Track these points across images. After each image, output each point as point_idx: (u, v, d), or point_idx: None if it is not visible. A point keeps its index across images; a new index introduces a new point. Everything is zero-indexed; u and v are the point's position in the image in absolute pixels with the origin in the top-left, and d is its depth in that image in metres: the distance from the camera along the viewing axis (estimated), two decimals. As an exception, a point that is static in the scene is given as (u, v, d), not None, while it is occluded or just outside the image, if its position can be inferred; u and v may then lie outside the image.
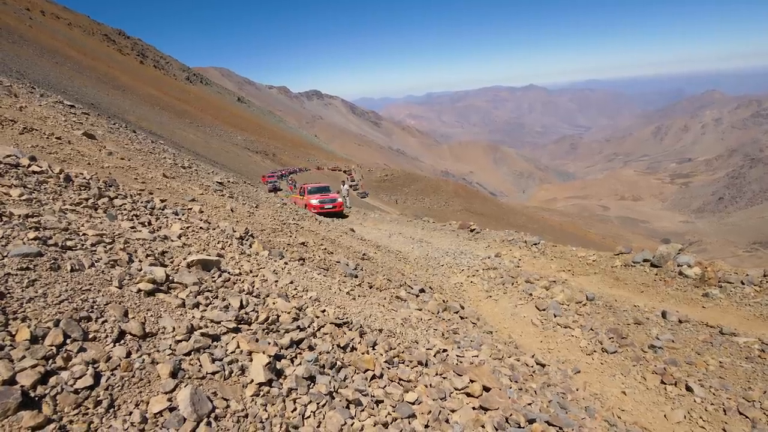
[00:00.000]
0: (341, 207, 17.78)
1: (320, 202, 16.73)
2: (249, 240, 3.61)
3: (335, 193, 19.07)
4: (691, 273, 6.31)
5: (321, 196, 17.54)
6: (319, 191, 18.73)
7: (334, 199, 17.51)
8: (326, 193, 18.69)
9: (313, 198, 16.99)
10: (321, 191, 18.76)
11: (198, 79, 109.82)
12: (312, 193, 18.36)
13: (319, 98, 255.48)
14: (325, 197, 17.34)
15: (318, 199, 16.86)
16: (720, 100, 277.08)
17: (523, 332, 5.14)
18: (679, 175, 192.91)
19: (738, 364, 3.90)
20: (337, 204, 17.39)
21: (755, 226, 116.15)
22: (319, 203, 16.60)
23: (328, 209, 16.82)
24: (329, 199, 17.34)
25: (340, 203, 17.64)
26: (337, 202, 17.46)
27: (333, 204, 17.21)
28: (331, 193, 18.65)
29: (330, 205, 17.01)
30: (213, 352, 1.76)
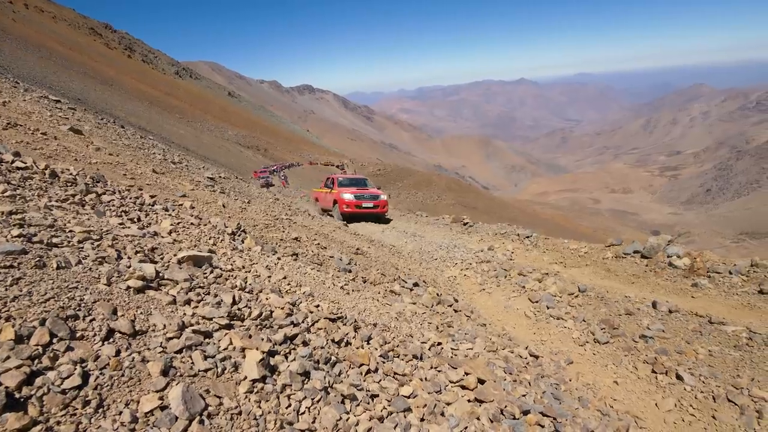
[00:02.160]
0: (385, 207, 13.20)
1: (356, 198, 12.62)
2: (241, 235, 3.57)
3: (375, 188, 14.35)
4: (681, 264, 6.38)
5: (357, 190, 13.27)
6: (353, 184, 14.28)
7: (376, 195, 13.08)
8: (364, 186, 14.06)
9: (345, 192, 12.86)
10: (356, 184, 14.29)
11: (187, 73, 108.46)
12: (344, 186, 13.85)
13: (311, 93, 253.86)
14: (363, 192, 13.10)
15: (353, 193, 12.77)
16: (707, 94, 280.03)
17: (516, 324, 5.16)
18: (668, 167, 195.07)
19: (726, 352, 3.96)
20: (380, 203, 12.92)
21: (742, 217, 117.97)
22: (354, 199, 12.55)
23: (368, 210, 12.66)
24: (369, 195, 12.98)
25: (384, 202, 13.13)
26: (381, 200, 12.98)
27: (374, 202, 12.83)
28: (370, 188, 14.03)
29: (370, 203, 12.72)
30: (205, 349, 1.73)
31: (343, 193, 12.99)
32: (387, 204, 13.65)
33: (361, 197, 12.94)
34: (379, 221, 13.33)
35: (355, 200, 12.75)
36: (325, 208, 14.40)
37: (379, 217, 13.68)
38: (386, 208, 13.62)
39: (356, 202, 12.73)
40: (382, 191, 14.18)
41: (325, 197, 14.70)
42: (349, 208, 12.66)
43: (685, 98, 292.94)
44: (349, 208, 12.65)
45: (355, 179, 15.33)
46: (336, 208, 13.04)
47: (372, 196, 13.22)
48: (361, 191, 13.35)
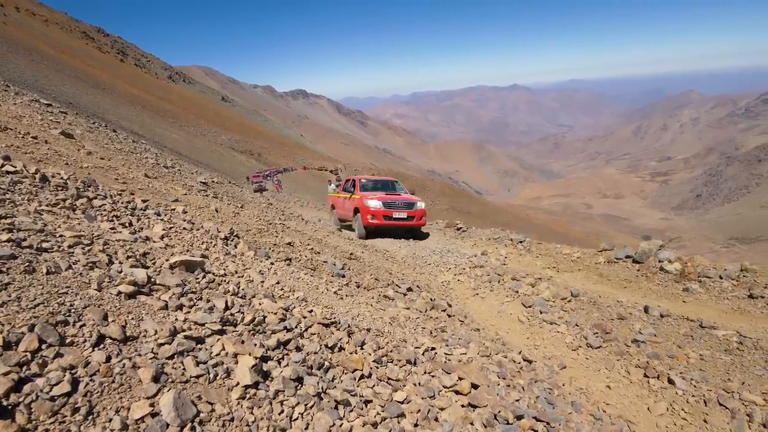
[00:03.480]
0: (423, 219, 10.50)
1: (385, 206, 9.95)
2: (234, 240, 3.55)
3: (408, 193, 11.63)
4: (672, 268, 6.44)
5: (385, 195, 10.53)
6: (381, 187, 11.58)
7: (410, 203, 10.32)
8: (393, 191, 11.46)
9: (370, 197, 10.21)
10: (384, 187, 11.58)
11: (181, 77, 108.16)
12: (368, 190, 11.08)
13: (305, 97, 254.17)
14: (394, 198, 10.41)
15: (380, 199, 10.10)
16: (697, 100, 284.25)
17: (510, 329, 5.17)
18: (658, 173, 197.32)
19: (717, 356, 3.99)
20: (416, 212, 10.24)
21: (732, 222, 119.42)
22: (382, 207, 9.91)
23: (400, 222, 10.02)
24: (402, 202, 10.28)
25: (422, 211, 10.43)
26: (417, 209, 10.31)
27: (409, 211, 10.14)
28: (402, 192, 11.43)
29: (403, 212, 10.03)
30: (197, 355, 1.71)
31: (367, 200, 10.22)
32: (425, 214, 10.60)
33: (392, 205, 10.16)
34: (413, 236, 10.54)
35: (383, 208, 10.01)
36: (344, 218, 12.03)
37: (414, 232, 10.79)
38: (424, 220, 10.57)
39: (385, 212, 10.00)
40: (418, 197, 11.01)
41: (343, 204, 11.90)
42: (376, 219, 9.97)
43: (676, 104, 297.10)
44: (376, 219, 9.98)
45: (383, 181, 12.41)
46: (357, 218, 10.47)
47: (405, 203, 10.33)
48: (391, 196, 10.57)
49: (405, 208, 10.36)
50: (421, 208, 10.63)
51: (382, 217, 10.08)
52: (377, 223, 10.14)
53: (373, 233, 10.52)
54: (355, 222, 10.79)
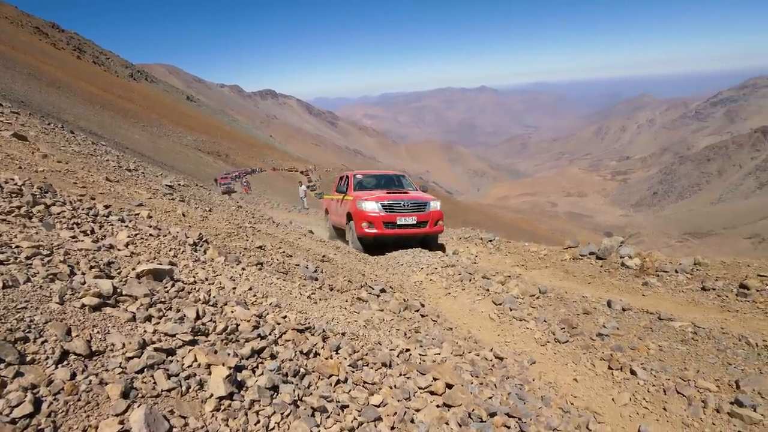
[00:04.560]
0: (440, 224, 8.45)
1: (387, 208, 7.99)
2: (203, 246, 3.46)
3: (418, 190, 9.44)
4: (632, 264, 6.75)
5: (387, 194, 8.45)
6: (381, 184, 9.64)
7: (421, 203, 8.29)
8: (398, 189, 9.36)
9: (366, 199, 8.17)
10: (386, 184, 9.66)
11: (143, 76, 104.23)
12: (364, 189, 9.21)
13: (274, 98, 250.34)
14: (398, 197, 8.33)
15: (379, 200, 8.11)
16: (652, 103, 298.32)
17: (481, 327, 5.26)
18: (618, 172, 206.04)
19: (675, 347, 4.19)
20: (429, 216, 8.21)
21: (685, 218, 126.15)
22: (382, 210, 7.97)
23: (408, 230, 8.04)
24: (409, 202, 8.20)
25: (438, 214, 8.33)
26: (431, 212, 8.25)
27: (420, 215, 8.13)
28: (411, 191, 9.22)
29: (412, 217, 8.03)
30: (168, 368, 1.66)
31: (361, 201, 8.06)
32: (442, 218, 8.40)
33: (395, 207, 8.04)
34: (425, 246, 8.42)
35: (382, 213, 7.93)
36: (338, 226, 9.93)
37: (428, 242, 8.62)
38: (441, 226, 8.41)
39: (385, 217, 7.90)
40: (431, 195, 8.83)
41: (336, 208, 9.88)
42: (374, 227, 7.85)
43: (632, 107, 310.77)
44: (374, 228, 7.86)
45: (385, 177, 10.07)
46: (351, 227, 8.41)
47: (414, 204, 8.14)
48: (395, 196, 8.37)
49: (413, 210, 8.04)
50: (437, 210, 8.26)
51: (382, 224, 7.83)
52: (376, 233, 7.90)
53: (372, 246, 8.24)
54: (349, 231, 8.63)
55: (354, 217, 8.34)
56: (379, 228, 8.02)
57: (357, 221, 8.21)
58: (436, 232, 8.65)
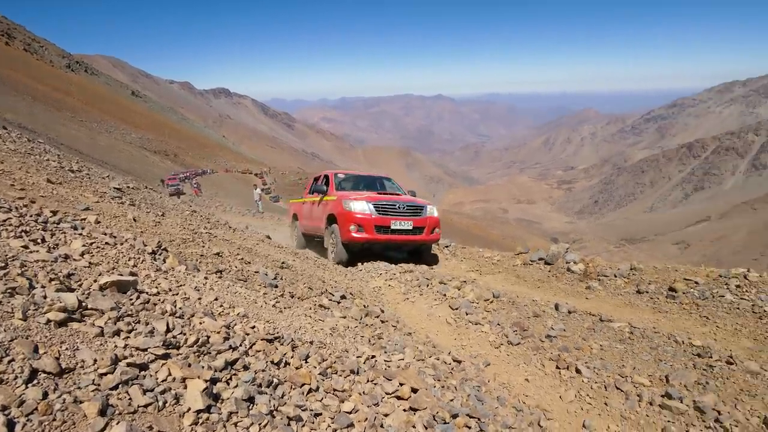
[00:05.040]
0: (436, 231, 7.66)
1: (379, 210, 7.21)
2: (162, 254, 3.36)
3: (409, 193, 8.85)
4: (577, 269, 7.21)
5: (377, 195, 7.72)
6: (366, 185, 8.87)
7: (416, 207, 7.58)
8: (388, 191, 8.57)
9: (354, 199, 7.35)
10: (371, 185, 8.87)
11: (82, 67, 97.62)
12: (349, 189, 8.44)
13: (228, 96, 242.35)
14: (390, 199, 7.60)
15: (369, 201, 7.28)
16: (594, 117, 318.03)
17: (438, 331, 5.39)
18: (564, 181, 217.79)
19: (614, 346, 4.51)
20: (425, 221, 7.49)
21: (622, 225, 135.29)
22: (375, 212, 7.17)
23: (402, 236, 7.32)
24: (403, 204, 7.48)
25: (435, 220, 7.62)
26: (427, 217, 7.56)
27: (415, 220, 7.41)
28: (400, 193, 8.63)
29: (407, 222, 7.28)
30: (143, 383, 1.64)
31: (349, 201, 7.22)
32: (439, 225, 7.61)
33: (389, 209, 7.25)
34: (418, 256, 7.91)
35: (375, 215, 7.07)
36: (312, 232, 9.04)
37: (421, 251, 8.02)
38: (438, 233, 7.62)
39: (378, 220, 7.06)
40: (426, 200, 8.05)
41: (311, 212, 8.94)
42: (363, 231, 6.99)
43: (577, 120, 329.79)
44: (363, 232, 7.00)
45: (370, 178, 9.21)
46: (334, 231, 7.49)
47: (410, 207, 7.38)
48: (388, 197, 7.64)
49: (410, 214, 7.26)
50: (434, 216, 7.52)
51: (373, 228, 6.93)
52: (366, 238, 7.00)
53: (359, 253, 7.42)
54: (330, 237, 7.63)
55: (339, 218, 7.27)
56: (369, 232, 6.97)
57: (343, 224, 7.14)
58: (432, 241, 7.77)
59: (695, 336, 4.59)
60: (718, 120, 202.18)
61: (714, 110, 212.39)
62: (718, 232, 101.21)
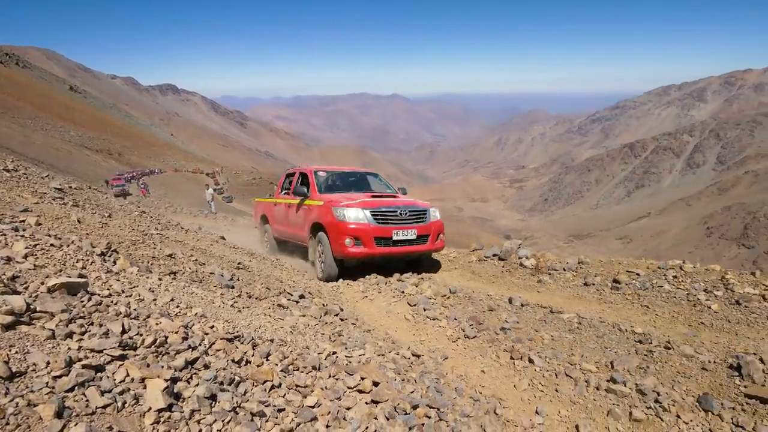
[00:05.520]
0: (441, 236, 7.06)
1: (377, 218, 6.35)
2: (112, 256, 3.22)
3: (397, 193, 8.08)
4: (529, 264, 7.56)
5: (374, 200, 6.81)
6: (353, 184, 8.11)
7: (420, 211, 6.81)
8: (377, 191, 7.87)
9: (346, 204, 6.44)
10: (359, 185, 8.13)
11: (13, 60, 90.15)
12: (335, 191, 7.60)
13: (175, 93, 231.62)
14: (390, 204, 6.74)
15: (365, 207, 6.39)
16: (544, 118, 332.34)
17: (398, 327, 5.47)
18: (515, 179, 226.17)
19: (564, 335, 4.76)
20: (430, 228, 6.77)
21: (570, 222, 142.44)
22: (373, 221, 6.29)
23: (406, 247, 6.55)
24: (405, 209, 6.66)
25: (439, 225, 6.99)
26: (432, 222, 6.87)
27: (420, 227, 6.65)
28: (395, 195, 7.80)
29: (411, 230, 6.48)
30: (100, 384, 1.59)
31: (340, 208, 6.30)
32: (443, 229, 7.00)
33: (390, 216, 6.37)
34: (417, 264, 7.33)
35: (373, 224, 6.20)
36: (288, 239, 8.32)
37: (417, 259, 7.36)
38: (442, 240, 7.02)
39: (378, 230, 6.21)
40: (426, 202, 7.30)
41: (286, 216, 8.00)
42: (361, 244, 6.14)
43: (527, 121, 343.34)
44: (361, 246, 6.16)
45: (353, 175, 8.42)
46: (323, 243, 6.58)
47: (412, 212, 6.60)
48: (385, 201, 6.77)
49: (412, 221, 6.45)
50: (438, 220, 6.85)
51: (372, 240, 6.09)
52: (364, 252, 6.16)
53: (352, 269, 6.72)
54: (317, 248, 6.77)
55: (330, 230, 6.28)
56: (368, 246, 6.09)
57: (335, 236, 6.17)
58: (438, 249, 7.06)
59: (637, 324, 4.91)
60: (656, 121, 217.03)
61: (653, 112, 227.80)
62: (658, 227, 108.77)
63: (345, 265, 6.75)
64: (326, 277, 6.81)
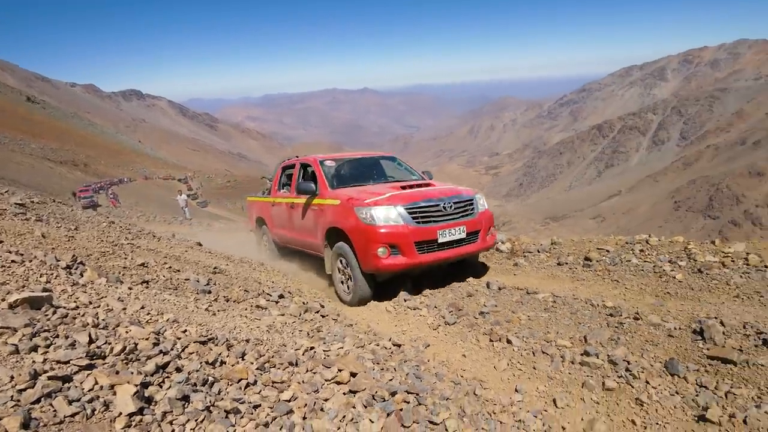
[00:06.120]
0: (492, 230, 5.93)
1: (418, 216, 5.05)
2: (79, 268, 3.15)
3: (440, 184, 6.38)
4: (505, 248, 7.73)
5: (406, 193, 5.38)
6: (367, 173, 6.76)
7: (466, 201, 5.55)
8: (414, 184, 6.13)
9: (376, 204, 5.03)
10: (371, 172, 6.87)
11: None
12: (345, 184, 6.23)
13: (140, 99, 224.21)
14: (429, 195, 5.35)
15: (402, 203, 5.05)
16: (514, 104, 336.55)
17: (379, 320, 5.52)
18: (490, 166, 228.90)
19: (539, 315, 4.89)
20: (481, 221, 5.62)
21: (546, 205, 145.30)
22: (412, 223, 4.99)
23: (455, 249, 5.34)
24: (449, 201, 5.29)
25: (489, 217, 5.85)
26: (481, 214, 5.69)
27: (470, 222, 5.42)
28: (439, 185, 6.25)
29: (459, 229, 5.23)
30: (68, 394, 1.58)
31: (366, 208, 5.07)
32: (493, 222, 5.88)
33: (431, 212, 5.18)
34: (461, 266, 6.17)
35: (413, 226, 5.02)
36: (289, 242, 7.35)
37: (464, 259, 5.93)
38: (494, 235, 6.04)
39: (419, 232, 5.03)
40: (470, 189, 6.03)
41: (291, 219, 6.87)
42: (399, 254, 5.00)
43: (498, 108, 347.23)
44: (399, 257, 5.01)
45: (368, 162, 6.99)
46: (344, 253, 5.42)
47: (458, 204, 5.41)
48: (421, 192, 5.50)
49: (460, 214, 5.30)
50: (487, 211, 5.76)
51: (413, 247, 4.91)
52: (405, 263, 4.99)
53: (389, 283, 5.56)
54: (337, 262, 5.65)
55: (354, 237, 5.07)
56: (409, 254, 4.89)
57: (363, 245, 4.96)
58: (489, 248, 6.00)
59: (608, 298, 5.10)
60: (621, 102, 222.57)
61: (617, 93, 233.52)
62: (628, 204, 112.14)
63: (378, 280, 5.39)
64: (357, 300, 5.48)
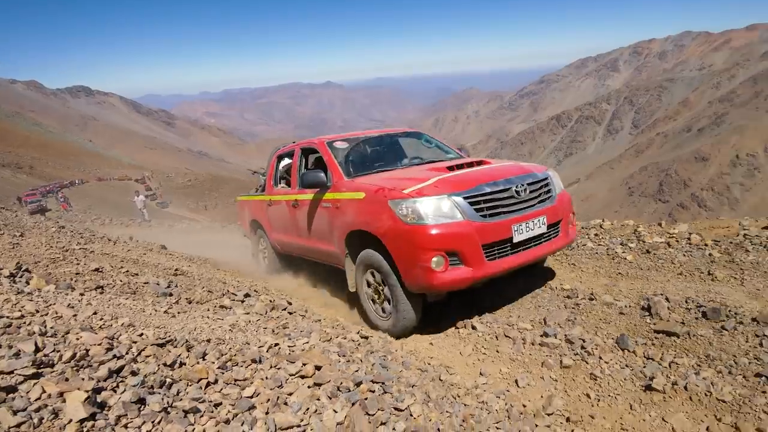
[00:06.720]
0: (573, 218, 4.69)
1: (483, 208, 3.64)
2: (24, 276, 2.99)
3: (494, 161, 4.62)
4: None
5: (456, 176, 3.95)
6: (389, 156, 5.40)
7: (540, 182, 4.13)
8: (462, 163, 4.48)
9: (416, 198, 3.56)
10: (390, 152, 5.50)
11: None
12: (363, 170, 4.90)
13: (89, 95, 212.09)
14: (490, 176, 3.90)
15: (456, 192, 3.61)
16: (476, 96, 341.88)
17: (348, 314, 5.57)
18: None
19: (502, 300, 5.06)
20: (561, 208, 4.26)
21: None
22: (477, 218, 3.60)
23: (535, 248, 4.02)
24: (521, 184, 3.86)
25: (567, 201, 4.43)
26: (559, 198, 4.27)
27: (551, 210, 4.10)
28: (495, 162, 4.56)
29: (538, 218, 3.90)
30: (12, 404, 1.52)
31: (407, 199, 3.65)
32: (572, 208, 4.68)
33: (500, 200, 3.79)
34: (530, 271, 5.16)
35: (478, 222, 3.65)
36: (294, 250, 6.27)
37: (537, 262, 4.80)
38: (574, 227, 4.87)
39: (484, 230, 3.67)
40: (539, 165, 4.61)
41: (292, 220, 5.73)
42: (461, 261, 3.66)
43: (461, 99, 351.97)
44: (461, 268, 3.67)
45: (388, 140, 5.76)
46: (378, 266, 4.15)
47: (532, 186, 4.07)
48: (473, 174, 4.05)
49: (536, 200, 4.12)
50: (564, 193, 4.58)
51: (481, 252, 3.72)
52: (470, 277, 3.78)
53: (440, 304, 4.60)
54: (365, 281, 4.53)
55: (392, 243, 3.87)
56: (476, 262, 3.74)
57: (408, 255, 3.77)
58: (571, 243, 5.15)
59: (566, 281, 5.33)
60: (578, 93, 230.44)
61: (574, 84, 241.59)
62: (587, 191, 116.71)
63: (430, 300, 4.30)
64: (401, 329, 4.31)
